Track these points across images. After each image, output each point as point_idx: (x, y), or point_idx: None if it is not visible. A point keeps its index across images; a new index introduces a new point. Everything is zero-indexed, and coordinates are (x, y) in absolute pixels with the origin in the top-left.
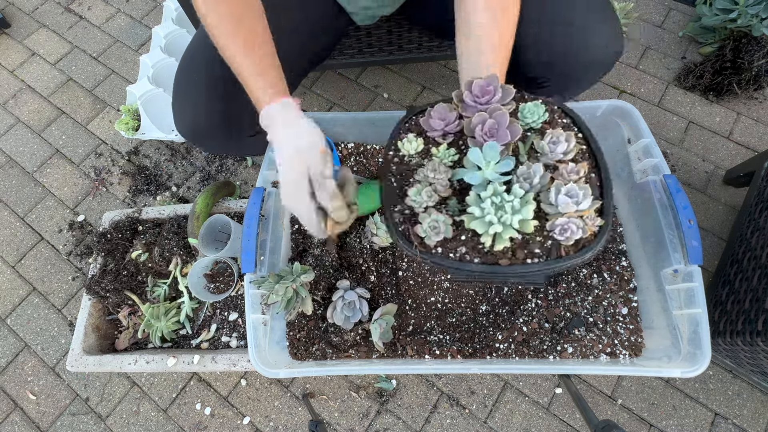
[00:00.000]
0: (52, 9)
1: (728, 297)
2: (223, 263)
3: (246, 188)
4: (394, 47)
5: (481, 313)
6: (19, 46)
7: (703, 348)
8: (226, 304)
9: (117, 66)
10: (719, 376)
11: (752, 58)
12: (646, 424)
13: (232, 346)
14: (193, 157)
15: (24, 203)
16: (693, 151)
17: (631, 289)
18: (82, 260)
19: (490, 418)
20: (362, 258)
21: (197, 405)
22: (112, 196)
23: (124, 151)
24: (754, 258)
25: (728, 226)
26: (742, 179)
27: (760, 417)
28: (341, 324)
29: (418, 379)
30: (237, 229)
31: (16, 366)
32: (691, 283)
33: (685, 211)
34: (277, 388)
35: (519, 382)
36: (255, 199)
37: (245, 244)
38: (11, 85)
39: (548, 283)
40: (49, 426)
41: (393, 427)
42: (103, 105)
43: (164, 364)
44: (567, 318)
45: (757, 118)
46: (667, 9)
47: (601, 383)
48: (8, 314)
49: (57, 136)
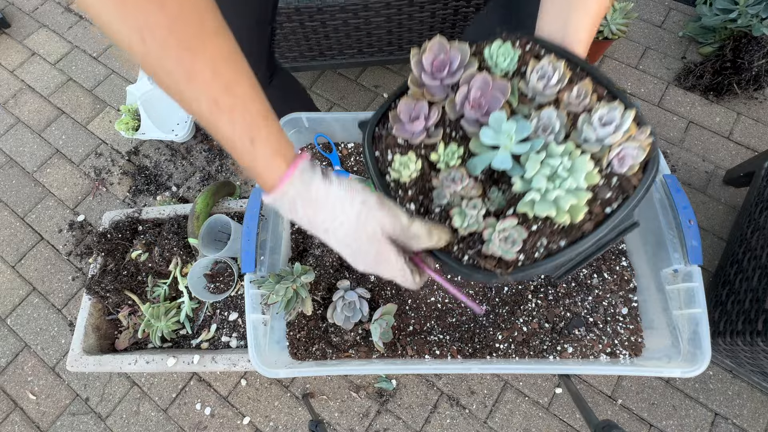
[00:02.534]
0: (52, 9)
1: (728, 297)
2: (223, 263)
3: (246, 188)
4: (394, 47)
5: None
6: (19, 46)
7: (703, 348)
8: (226, 304)
9: (117, 66)
10: (719, 376)
11: (752, 58)
12: (646, 424)
13: (232, 346)
14: (193, 157)
15: (24, 203)
16: (693, 151)
17: (631, 289)
18: (82, 260)
19: (490, 418)
20: None
21: (197, 405)
22: (112, 196)
23: (124, 151)
24: (754, 258)
25: (728, 226)
26: (742, 179)
27: (760, 417)
28: (341, 324)
29: (418, 379)
30: (237, 229)
31: (16, 366)
32: (691, 283)
33: (685, 211)
34: (277, 388)
35: (519, 382)
36: (255, 199)
37: (245, 244)
38: (11, 85)
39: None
40: (49, 426)
41: (393, 427)
42: (103, 105)
43: (164, 364)
44: (567, 318)
45: (757, 118)
46: (667, 9)
47: (601, 383)
48: (8, 314)
49: (57, 136)
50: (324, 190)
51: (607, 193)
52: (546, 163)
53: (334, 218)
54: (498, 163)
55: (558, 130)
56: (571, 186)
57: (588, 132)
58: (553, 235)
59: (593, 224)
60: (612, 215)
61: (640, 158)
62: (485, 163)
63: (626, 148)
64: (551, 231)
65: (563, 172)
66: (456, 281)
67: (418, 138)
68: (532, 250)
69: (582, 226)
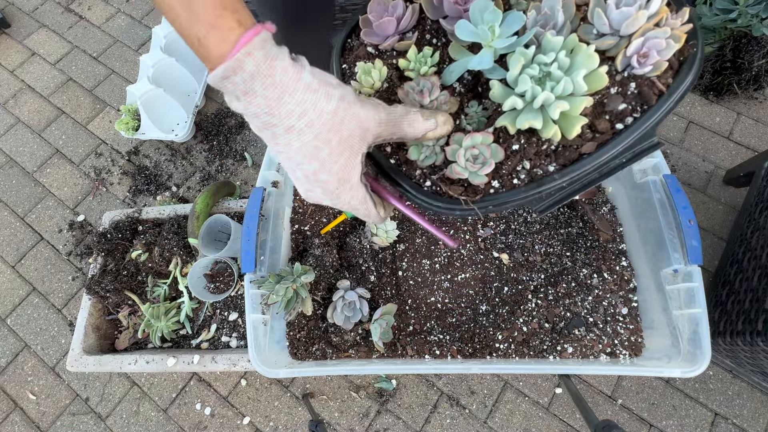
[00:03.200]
0: (52, 9)
1: (728, 297)
2: (223, 263)
3: (246, 188)
4: None
5: (481, 313)
6: (19, 46)
7: (703, 348)
8: (226, 304)
9: (117, 66)
10: (719, 376)
11: (752, 58)
12: (646, 424)
13: (232, 346)
14: (193, 157)
15: (24, 203)
16: (693, 151)
17: (631, 289)
18: (82, 260)
19: (490, 418)
20: (362, 258)
21: (197, 405)
22: (112, 196)
23: (124, 151)
24: (754, 258)
25: (728, 226)
26: (742, 179)
27: (760, 417)
28: (341, 324)
29: (418, 379)
30: (237, 229)
31: (16, 366)
32: (691, 283)
33: (685, 211)
34: (277, 388)
35: (519, 382)
36: (255, 199)
37: (245, 244)
38: (11, 85)
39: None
40: (49, 426)
41: (393, 427)
42: (103, 105)
43: (164, 364)
44: (567, 318)
45: (757, 118)
46: None
47: (601, 383)
48: (8, 314)
49: (57, 136)
50: (293, 73)
51: (619, 103)
52: (536, 61)
53: (303, 113)
54: (476, 64)
55: (561, 24)
56: (565, 89)
57: (600, 20)
58: (539, 157)
59: (596, 145)
60: (623, 132)
61: (671, 53)
62: (462, 69)
63: (652, 39)
64: (537, 152)
65: (557, 72)
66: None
67: (388, 42)
68: (510, 176)
69: (581, 146)
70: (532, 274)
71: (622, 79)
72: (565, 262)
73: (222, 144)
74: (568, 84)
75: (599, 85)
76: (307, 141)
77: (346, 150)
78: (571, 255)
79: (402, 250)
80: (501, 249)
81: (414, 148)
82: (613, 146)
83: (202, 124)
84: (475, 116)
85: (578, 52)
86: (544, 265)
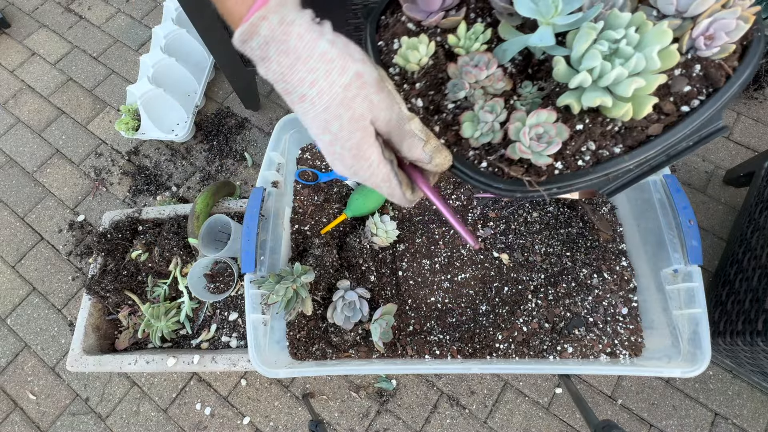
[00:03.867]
0: (52, 9)
1: (728, 297)
2: (223, 263)
3: (246, 188)
4: None
5: (481, 313)
6: (19, 46)
7: (703, 348)
8: (226, 304)
9: (117, 66)
10: (719, 376)
11: None
12: (646, 424)
13: (232, 346)
14: (193, 157)
15: (24, 203)
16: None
17: (631, 289)
18: (82, 260)
19: (490, 418)
20: (362, 258)
21: (197, 405)
22: (112, 196)
23: (124, 151)
24: (754, 258)
25: (728, 226)
26: (742, 179)
27: (760, 417)
28: (341, 324)
29: (418, 379)
30: (237, 229)
31: (16, 366)
32: (691, 283)
33: (685, 211)
34: (277, 388)
35: (519, 382)
36: (255, 199)
37: (245, 244)
38: (11, 85)
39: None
40: (49, 426)
41: (393, 427)
42: (103, 105)
43: (164, 364)
44: (567, 318)
45: (757, 118)
46: None
47: (601, 383)
48: (8, 314)
49: (57, 136)
50: (309, 39)
51: (684, 85)
52: (604, 36)
53: (314, 82)
54: (537, 40)
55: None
56: (637, 65)
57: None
58: (604, 138)
59: (662, 127)
60: (690, 115)
61: (740, 34)
62: (520, 46)
63: (719, 21)
64: (602, 132)
65: (627, 48)
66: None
67: (433, 19)
68: (574, 157)
69: (647, 128)
70: (532, 274)
71: (686, 61)
72: (565, 262)
73: (222, 144)
74: (640, 60)
75: (671, 62)
76: (320, 112)
77: (358, 130)
78: (571, 255)
79: (402, 250)
80: (501, 249)
81: (468, 124)
82: (682, 128)
83: (202, 124)
84: (528, 97)
85: (645, 29)
86: (544, 265)
